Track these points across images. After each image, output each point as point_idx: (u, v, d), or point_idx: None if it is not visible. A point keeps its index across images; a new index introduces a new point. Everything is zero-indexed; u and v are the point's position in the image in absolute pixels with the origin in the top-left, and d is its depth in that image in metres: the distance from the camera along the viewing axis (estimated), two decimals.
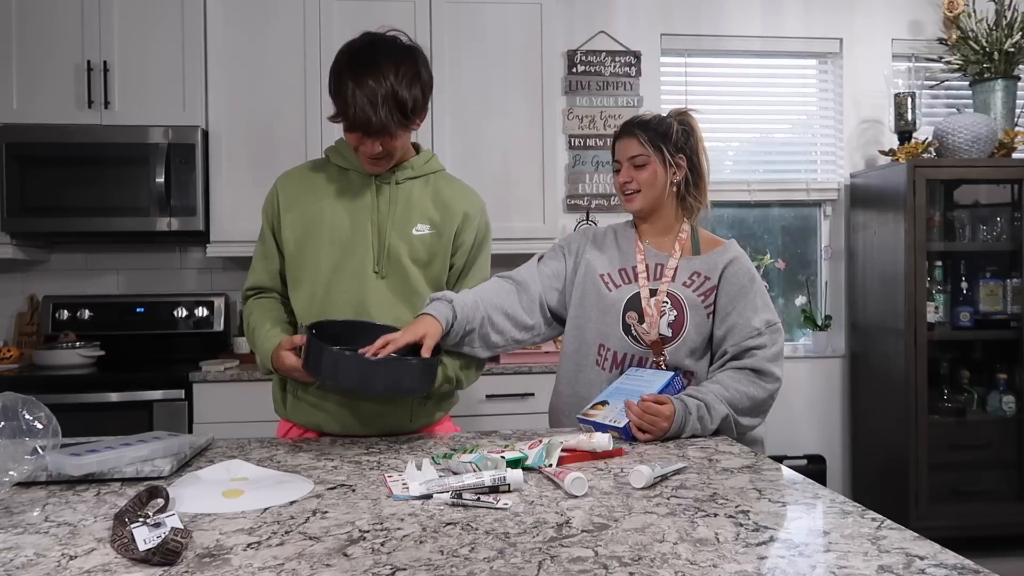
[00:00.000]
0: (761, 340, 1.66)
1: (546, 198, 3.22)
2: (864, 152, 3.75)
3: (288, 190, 1.66)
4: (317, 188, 1.65)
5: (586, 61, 3.55)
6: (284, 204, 1.65)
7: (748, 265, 1.76)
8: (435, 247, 1.66)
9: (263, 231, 1.70)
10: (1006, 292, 3.36)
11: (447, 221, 1.67)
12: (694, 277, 1.73)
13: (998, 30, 3.39)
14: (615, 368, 1.72)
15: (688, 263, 1.75)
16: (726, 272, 1.73)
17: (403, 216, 1.64)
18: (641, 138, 1.75)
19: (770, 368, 1.65)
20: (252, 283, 1.73)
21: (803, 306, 3.75)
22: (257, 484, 1.20)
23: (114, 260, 3.37)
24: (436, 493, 1.14)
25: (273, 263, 1.70)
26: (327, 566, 0.87)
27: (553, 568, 0.86)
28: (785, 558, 0.88)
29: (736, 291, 1.70)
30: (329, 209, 1.63)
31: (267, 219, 1.69)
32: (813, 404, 3.70)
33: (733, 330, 1.67)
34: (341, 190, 1.65)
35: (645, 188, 1.75)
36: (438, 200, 1.68)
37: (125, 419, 2.73)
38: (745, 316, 1.68)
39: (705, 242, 1.81)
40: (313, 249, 1.62)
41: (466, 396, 2.94)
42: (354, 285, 1.61)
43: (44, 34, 2.99)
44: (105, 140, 2.96)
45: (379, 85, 1.47)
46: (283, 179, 1.70)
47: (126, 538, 0.91)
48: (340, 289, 1.61)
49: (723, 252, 1.77)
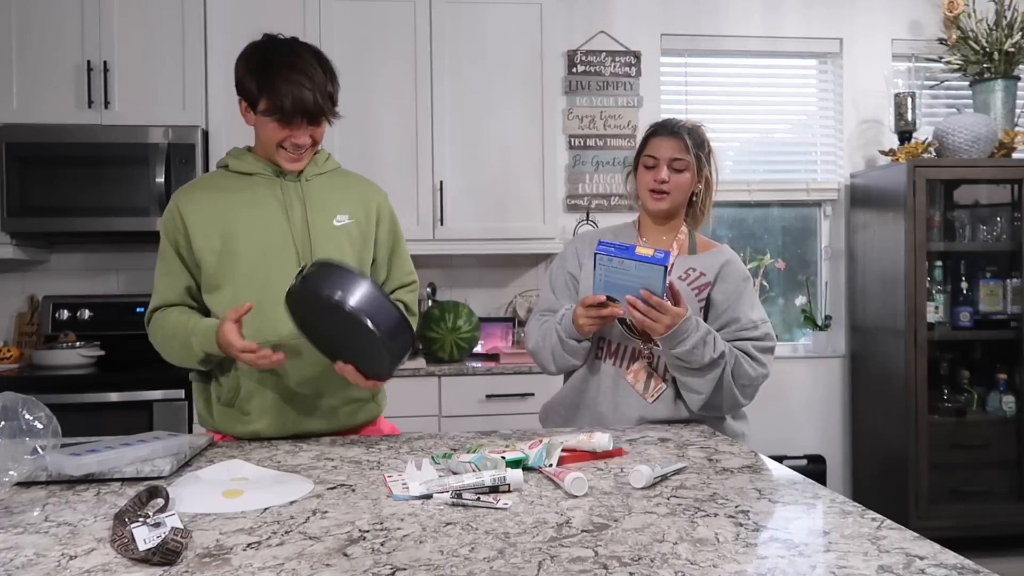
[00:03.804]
0: (758, 332, 1.74)
1: (546, 198, 3.22)
2: (864, 152, 3.75)
3: (191, 204, 1.64)
4: (224, 198, 1.64)
5: (586, 61, 3.55)
6: (190, 218, 1.62)
7: (743, 267, 1.82)
8: (357, 236, 1.69)
9: (163, 250, 1.65)
10: (1006, 292, 3.36)
11: (363, 210, 1.71)
12: (689, 272, 1.77)
13: (998, 30, 3.39)
14: (609, 358, 1.76)
15: (684, 260, 1.79)
16: (723, 272, 1.77)
17: (320, 210, 1.66)
18: (688, 142, 1.77)
19: (762, 357, 1.73)
20: (157, 303, 1.67)
21: (803, 306, 3.75)
22: (257, 484, 1.20)
23: (114, 260, 3.36)
24: (436, 493, 1.14)
25: (179, 279, 1.65)
26: (327, 566, 0.87)
27: (553, 568, 0.86)
28: (785, 558, 0.88)
29: (733, 289, 1.76)
30: (243, 215, 1.62)
31: (169, 238, 1.64)
32: (813, 404, 3.70)
33: (731, 323, 1.73)
34: (249, 195, 1.64)
35: (676, 192, 1.78)
36: (349, 192, 1.72)
37: (125, 419, 2.73)
38: (743, 311, 1.74)
39: (701, 244, 1.86)
40: (231, 257, 1.60)
41: (466, 396, 2.95)
42: (279, 283, 1.55)
43: (44, 34, 2.99)
44: (105, 140, 2.96)
45: (310, 76, 1.55)
46: (183, 195, 1.66)
47: (126, 538, 0.91)
48: (263, 289, 1.59)
49: (719, 253, 1.82)
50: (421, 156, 3.14)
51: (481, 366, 2.99)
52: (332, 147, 3.07)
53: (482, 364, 3.03)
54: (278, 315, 1.55)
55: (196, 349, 1.57)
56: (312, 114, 1.56)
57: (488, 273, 3.50)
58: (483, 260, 3.47)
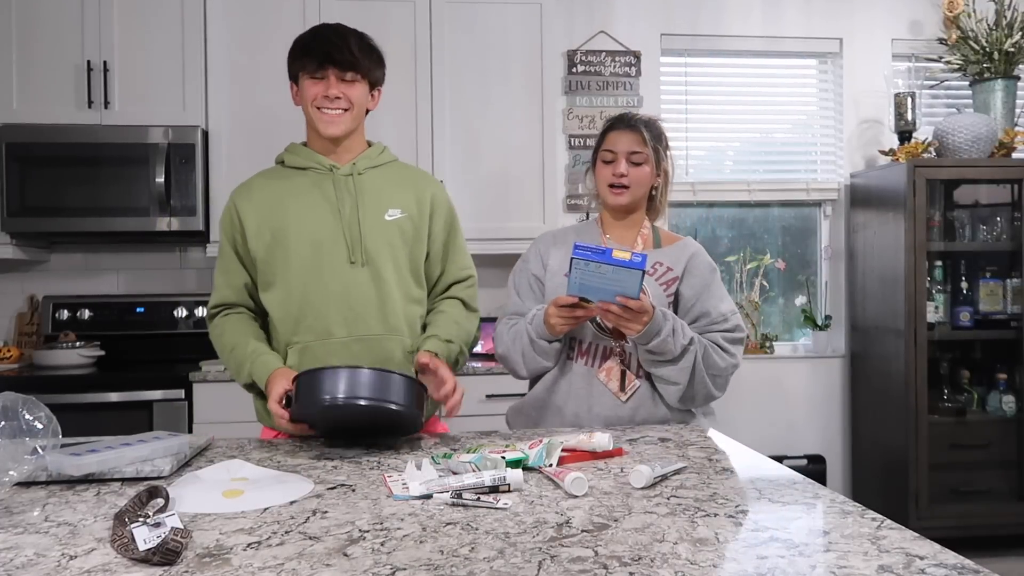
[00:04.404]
0: (728, 324, 1.75)
1: (546, 198, 3.22)
2: (864, 152, 3.75)
3: (246, 201, 1.66)
4: (276, 192, 1.65)
5: (586, 61, 3.55)
6: (245, 214, 1.64)
7: (708, 258, 1.83)
8: (410, 230, 1.68)
9: (222, 248, 1.69)
10: (1006, 292, 3.36)
11: (416, 204, 1.70)
12: (656, 266, 1.77)
13: (998, 30, 3.39)
14: (581, 357, 1.75)
15: (651, 255, 1.78)
16: (690, 265, 1.78)
17: (373, 204, 1.65)
18: (645, 135, 1.77)
19: (732, 347, 1.73)
20: (216, 301, 1.70)
21: (803, 306, 3.75)
22: (257, 484, 1.20)
23: (114, 260, 3.36)
24: (436, 493, 1.14)
25: (236, 277, 1.68)
26: (327, 566, 0.87)
27: (553, 568, 0.86)
28: (785, 558, 0.88)
29: (701, 283, 1.77)
30: (293, 210, 1.63)
31: (227, 236, 1.67)
32: (813, 404, 3.70)
33: (702, 317, 1.74)
34: (302, 189, 1.65)
35: (636, 186, 1.78)
36: (402, 185, 1.71)
37: (125, 419, 2.73)
38: (712, 304, 1.75)
39: (665, 237, 1.86)
40: (282, 251, 1.62)
41: (466, 396, 2.93)
42: (332, 279, 1.60)
43: (44, 34, 2.99)
44: (105, 140, 2.96)
45: (343, 34, 1.62)
46: (239, 192, 1.69)
47: (126, 538, 0.91)
48: (317, 286, 1.61)
49: (684, 247, 1.83)
50: (421, 156, 3.13)
51: (481, 366, 2.99)
52: None
53: (482, 364, 3.02)
54: (328, 312, 1.59)
55: (245, 375, 1.62)
56: (340, 64, 1.58)
57: (488, 273, 3.50)
58: (483, 260, 3.47)
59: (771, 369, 3.64)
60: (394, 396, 1.39)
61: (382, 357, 1.62)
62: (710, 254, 1.86)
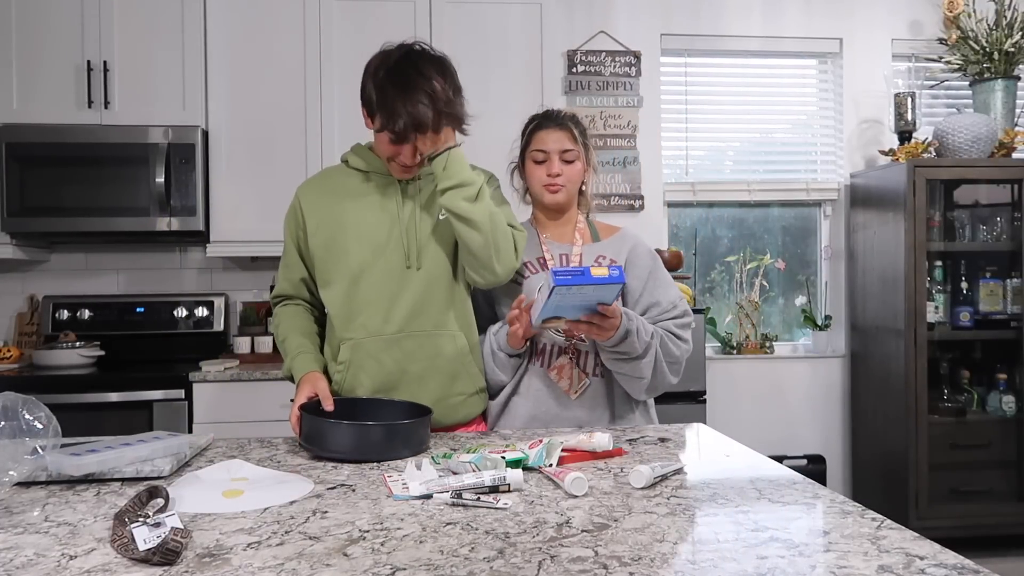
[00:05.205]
0: (677, 311, 1.75)
1: None
2: (864, 152, 3.75)
3: (309, 197, 1.70)
4: (339, 191, 1.69)
5: (586, 61, 3.55)
6: (307, 211, 1.68)
7: (647, 246, 1.84)
8: None
9: (285, 241, 1.75)
10: (1006, 292, 3.36)
11: None
12: (599, 260, 1.76)
13: (998, 30, 3.39)
14: (536, 358, 1.73)
15: (591, 249, 1.79)
16: (631, 255, 1.79)
17: (429, 209, 1.67)
18: (574, 132, 1.78)
19: (683, 333, 1.74)
20: (277, 291, 1.79)
21: (803, 306, 3.75)
22: (257, 484, 1.20)
23: (114, 260, 3.36)
24: (436, 493, 1.14)
25: (294, 272, 1.74)
26: (327, 566, 0.87)
27: (553, 568, 0.86)
28: (785, 558, 0.88)
29: (646, 272, 1.77)
30: (353, 209, 1.66)
31: (290, 232, 1.73)
32: (813, 404, 3.70)
33: (652, 307, 1.74)
34: (364, 191, 1.68)
35: (570, 184, 1.78)
36: None
37: (125, 419, 2.73)
38: (661, 292, 1.76)
39: (602, 229, 1.87)
40: (341, 249, 1.65)
41: None
42: (386, 281, 1.63)
43: (44, 34, 2.99)
44: (105, 140, 2.96)
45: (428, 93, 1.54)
46: (303, 188, 1.74)
47: (126, 538, 0.91)
48: (372, 287, 1.63)
49: (623, 238, 1.83)
50: None
51: None
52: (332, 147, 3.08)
53: None
54: (381, 311, 1.62)
55: (286, 369, 1.68)
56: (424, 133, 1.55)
57: None
58: None
59: (771, 369, 3.64)
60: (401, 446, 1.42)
61: (432, 353, 1.64)
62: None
